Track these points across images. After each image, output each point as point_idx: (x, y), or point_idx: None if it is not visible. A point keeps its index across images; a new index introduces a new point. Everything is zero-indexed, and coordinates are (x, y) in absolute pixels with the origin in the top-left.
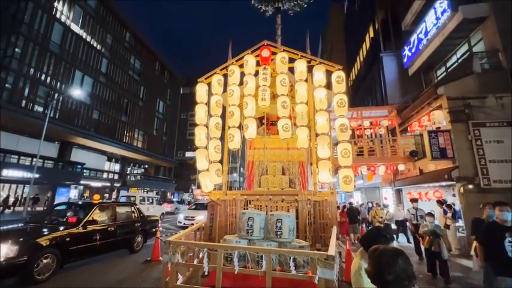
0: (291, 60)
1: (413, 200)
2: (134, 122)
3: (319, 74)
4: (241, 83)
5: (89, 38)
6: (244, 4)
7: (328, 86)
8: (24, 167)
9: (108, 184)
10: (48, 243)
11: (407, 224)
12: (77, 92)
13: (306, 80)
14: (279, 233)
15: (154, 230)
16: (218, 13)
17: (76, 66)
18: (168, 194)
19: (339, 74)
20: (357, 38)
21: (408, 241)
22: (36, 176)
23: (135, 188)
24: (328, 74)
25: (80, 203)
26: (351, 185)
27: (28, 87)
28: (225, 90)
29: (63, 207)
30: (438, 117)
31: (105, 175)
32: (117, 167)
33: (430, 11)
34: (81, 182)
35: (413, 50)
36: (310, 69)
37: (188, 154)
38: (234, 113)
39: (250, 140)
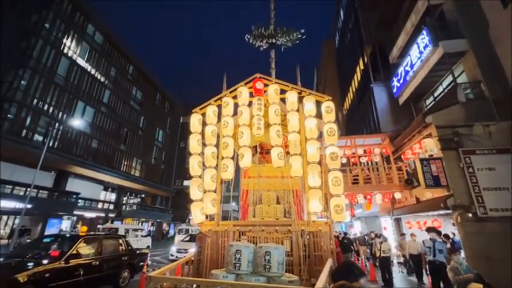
0: (283, 92)
1: (430, 230)
2: (133, 150)
3: (309, 105)
4: (234, 114)
5: (93, 71)
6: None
7: (320, 115)
8: (18, 197)
9: (103, 214)
10: (25, 279)
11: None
12: (78, 122)
13: (298, 110)
14: (267, 266)
15: (142, 264)
16: (218, 44)
17: (79, 98)
18: (164, 225)
19: (328, 105)
20: (348, 70)
21: (421, 281)
22: (29, 206)
23: (130, 218)
24: (320, 104)
25: (67, 235)
26: (343, 215)
27: (30, 117)
28: (218, 121)
29: (48, 239)
30: (429, 145)
31: (100, 205)
32: (113, 196)
33: (413, 46)
34: (75, 212)
35: (401, 81)
36: (301, 100)
37: (186, 183)
38: (228, 143)
39: (244, 169)
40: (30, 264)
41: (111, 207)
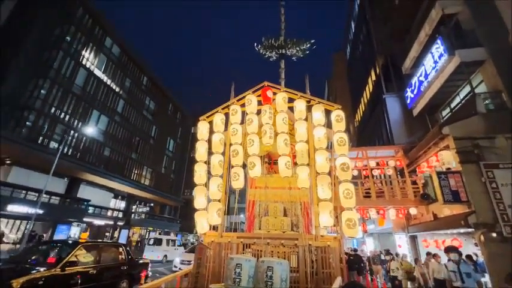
0: (291, 101)
1: (451, 249)
2: (144, 159)
3: (317, 114)
4: (241, 122)
5: (109, 82)
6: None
7: (330, 125)
8: (31, 202)
9: (111, 222)
10: (19, 286)
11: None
12: (92, 130)
13: (306, 119)
14: (269, 283)
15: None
16: (218, 44)
17: (94, 107)
18: (172, 235)
19: (338, 113)
20: (359, 81)
21: None
22: (40, 212)
23: (138, 227)
24: (329, 113)
25: (68, 241)
26: (355, 230)
27: (47, 125)
28: (225, 129)
29: (47, 245)
30: (447, 158)
31: (109, 213)
32: (122, 204)
33: (427, 55)
34: (84, 219)
35: (415, 92)
36: (310, 109)
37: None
38: (238, 151)
39: (251, 179)
40: (26, 270)
41: (120, 215)
